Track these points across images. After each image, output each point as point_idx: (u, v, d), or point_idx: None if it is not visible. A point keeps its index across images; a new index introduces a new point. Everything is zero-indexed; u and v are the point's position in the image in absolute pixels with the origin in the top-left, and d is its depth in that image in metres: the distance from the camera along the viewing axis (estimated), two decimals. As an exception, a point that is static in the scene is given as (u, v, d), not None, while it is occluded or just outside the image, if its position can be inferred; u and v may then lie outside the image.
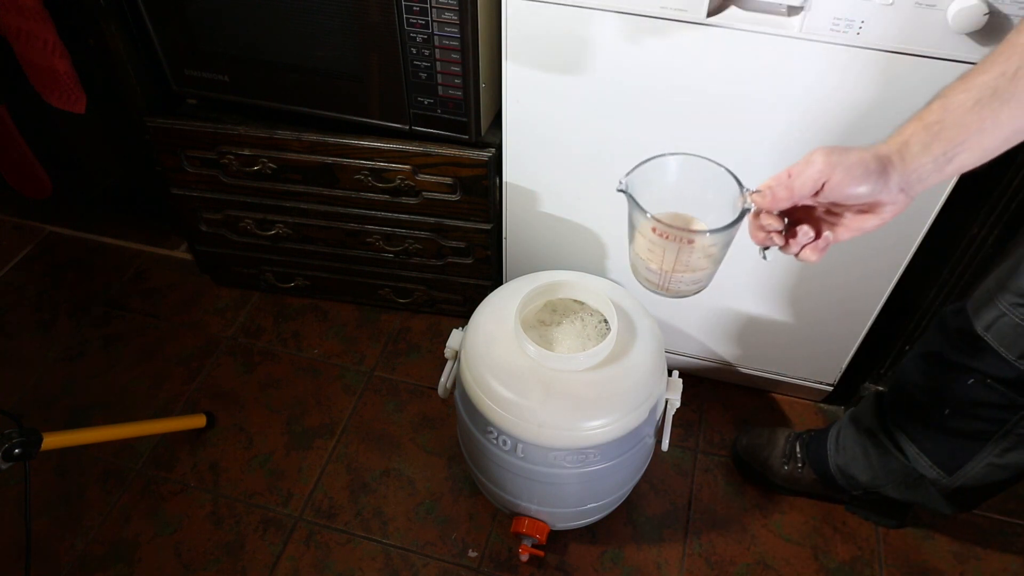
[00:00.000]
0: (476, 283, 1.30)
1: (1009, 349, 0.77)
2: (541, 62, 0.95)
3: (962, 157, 0.54)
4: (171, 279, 1.48)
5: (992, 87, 0.52)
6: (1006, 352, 0.77)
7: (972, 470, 0.89)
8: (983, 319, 0.79)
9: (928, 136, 0.54)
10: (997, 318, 0.77)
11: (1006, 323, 0.76)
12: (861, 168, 0.54)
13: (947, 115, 0.53)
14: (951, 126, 0.53)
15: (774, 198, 0.57)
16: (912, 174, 0.55)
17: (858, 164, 0.54)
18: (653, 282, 0.66)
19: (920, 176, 0.55)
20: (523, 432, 0.88)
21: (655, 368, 0.92)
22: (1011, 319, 0.75)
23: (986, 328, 0.78)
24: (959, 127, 0.53)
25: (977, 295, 0.81)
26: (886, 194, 0.55)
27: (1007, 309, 0.76)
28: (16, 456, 0.89)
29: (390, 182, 1.15)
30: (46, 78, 1.18)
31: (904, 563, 1.08)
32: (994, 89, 0.52)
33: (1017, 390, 0.79)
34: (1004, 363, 0.78)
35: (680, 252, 0.61)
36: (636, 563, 1.08)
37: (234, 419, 1.24)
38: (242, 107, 1.18)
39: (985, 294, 0.79)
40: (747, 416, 1.26)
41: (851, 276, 1.04)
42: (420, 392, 1.29)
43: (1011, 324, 0.76)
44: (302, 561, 1.07)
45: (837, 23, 0.79)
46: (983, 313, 0.79)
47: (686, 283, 0.64)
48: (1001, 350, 0.78)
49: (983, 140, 0.53)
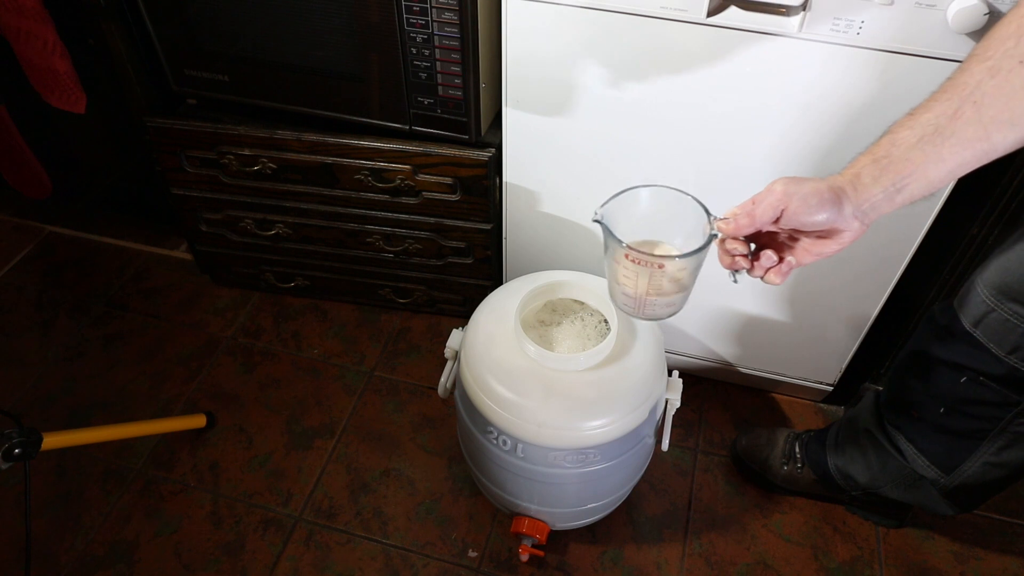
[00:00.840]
0: (476, 283, 1.30)
1: (999, 345, 0.77)
2: (541, 62, 0.95)
3: (911, 188, 0.59)
4: (171, 279, 1.48)
5: (934, 125, 0.57)
6: (996, 348, 0.77)
7: (970, 469, 0.89)
8: (971, 316, 0.79)
9: (877, 169, 0.59)
10: (985, 314, 0.77)
11: (995, 319, 0.76)
12: (816, 197, 0.59)
13: (894, 150, 0.58)
14: (898, 160, 0.58)
15: (737, 225, 0.62)
16: (864, 203, 0.60)
17: (814, 194, 0.59)
18: (630, 306, 0.71)
19: (872, 205, 0.60)
20: (523, 432, 0.88)
21: (655, 368, 0.92)
22: (1000, 315, 0.75)
23: (975, 324, 0.79)
24: (905, 161, 0.58)
25: (964, 292, 0.81)
26: (841, 221, 0.60)
27: (995, 305, 0.76)
28: (16, 456, 0.89)
29: (390, 182, 1.16)
30: (46, 78, 1.18)
31: (904, 563, 1.08)
32: (936, 127, 0.57)
33: (1009, 387, 0.79)
34: (995, 359, 0.78)
35: (652, 277, 0.66)
36: (636, 563, 1.08)
37: (234, 419, 1.24)
38: (242, 107, 1.18)
39: (972, 291, 0.79)
40: (747, 416, 1.26)
41: (851, 276, 1.04)
42: (420, 392, 1.29)
43: (1000, 320, 0.76)
44: (302, 561, 1.07)
45: (837, 23, 0.79)
46: (971, 310, 0.79)
47: (660, 306, 0.70)
48: (991, 346, 0.78)
49: (928, 173, 0.58)
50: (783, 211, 0.60)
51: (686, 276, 0.67)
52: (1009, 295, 0.74)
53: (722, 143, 0.95)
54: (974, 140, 0.56)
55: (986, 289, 0.77)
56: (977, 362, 0.80)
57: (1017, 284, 0.73)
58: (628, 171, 1.02)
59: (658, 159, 0.99)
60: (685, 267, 0.66)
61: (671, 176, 1.00)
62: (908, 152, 0.58)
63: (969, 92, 0.56)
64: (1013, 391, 0.79)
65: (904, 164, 0.58)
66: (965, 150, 0.57)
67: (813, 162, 0.92)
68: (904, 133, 0.58)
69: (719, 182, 0.98)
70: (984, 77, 0.55)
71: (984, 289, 0.77)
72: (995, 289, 0.76)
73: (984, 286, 0.77)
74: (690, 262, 0.65)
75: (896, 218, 0.95)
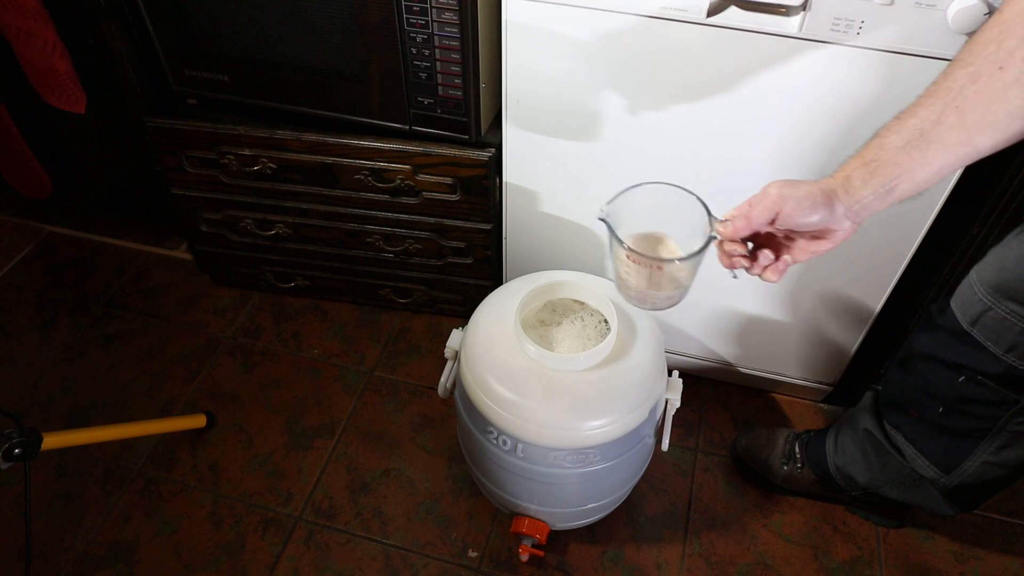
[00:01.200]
0: (476, 283, 1.30)
1: (997, 344, 0.77)
2: (541, 62, 0.95)
3: (900, 189, 0.61)
4: (171, 279, 1.48)
5: (919, 129, 0.59)
6: (993, 347, 0.77)
7: (969, 468, 0.89)
8: (968, 315, 0.79)
9: (867, 172, 0.61)
10: (983, 313, 0.77)
11: (992, 317, 0.76)
12: (809, 200, 0.61)
13: (882, 153, 0.61)
14: (886, 164, 0.60)
15: (735, 228, 0.65)
16: (856, 204, 0.62)
17: (807, 196, 0.62)
18: (634, 298, 0.74)
19: (863, 206, 0.62)
20: (523, 432, 0.88)
21: (655, 368, 0.92)
22: (997, 313, 0.76)
23: (972, 323, 0.79)
24: (893, 165, 0.60)
25: (960, 291, 0.81)
26: (833, 222, 0.63)
27: (993, 304, 0.76)
28: (16, 456, 0.89)
29: (390, 182, 1.15)
30: (46, 78, 1.18)
31: (904, 563, 1.08)
32: (921, 131, 0.59)
33: (1008, 385, 0.79)
34: (992, 358, 0.78)
35: (652, 275, 0.69)
36: (636, 563, 1.08)
37: (234, 419, 1.24)
38: (242, 107, 1.18)
39: (969, 290, 0.79)
40: (747, 416, 1.26)
41: (851, 276, 1.04)
42: (420, 392, 1.29)
43: (997, 318, 0.76)
44: (302, 561, 1.07)
45: (837, 23, 0.79)
46: (968, 309, 0.79)
47: (661, 299, 0.72)
48: (988, 344, 0.78)
49: (916, 175, 0.60)
50: (778, 213, 0.63)
51: (685, 276, 0.69)
52: (1007, 294, 0.74)
53: (722, 143, 0.95)
54: (958, 144, 0.58)
55: (983, 288, 0.77)
56: (975, 361, 0.80)
57: (1014, 283, 0.73)
58: (628, 171, 1.02)
59: (658, 159, 0.99)
60: (684, 268, 0.68)
61: (671, 176, 0.99)
62: (895, 156, 0.60)
63: (952, 97, 0.57)
64: (1011, 390, 0.79)
65: (892, 167, 0.60)
66: (949, 154, 0.59)
67: (813, 161, 0.92)
68: (892, 137, 0.60)
69: (719, 182, 0.98)
70: (966, 83, 0.57)
71: (981, 288, 0.77)
72: (992, 288, 0.76)
73: (981, 285, 0.77)
74: (688, 264, 0.67)
75: (896, 218, 0.95)
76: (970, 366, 0.81)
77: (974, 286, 0.78)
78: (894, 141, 0.60)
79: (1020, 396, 0.80)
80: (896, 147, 0.60)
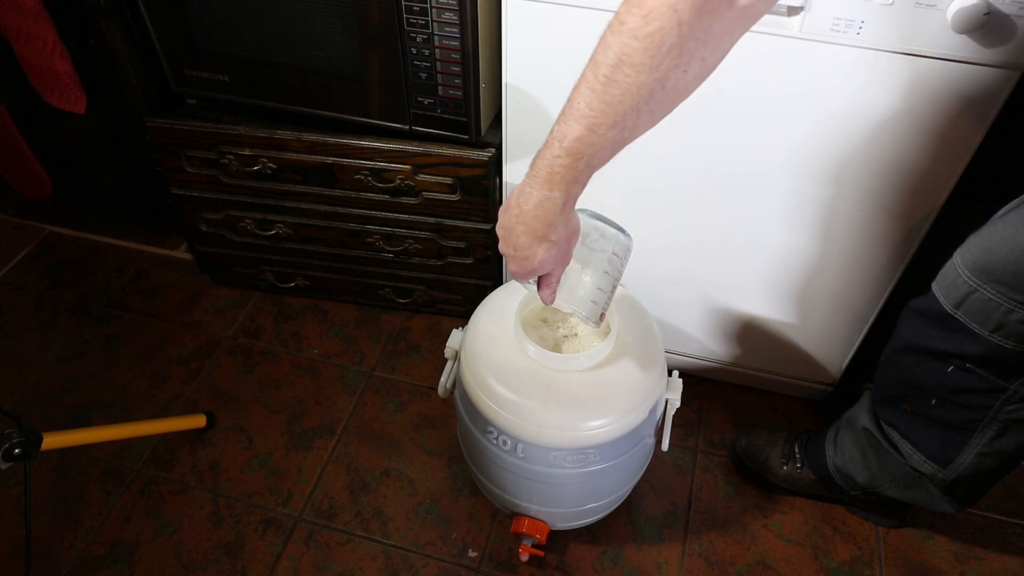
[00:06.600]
0: (476, 283, 1.30)
1: (982, 324, 0.77)
2: (541, 62, 0.95)
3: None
4: (171, 279, 1.48)
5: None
6: (979, 328, 0.78)
7: (965, 461, 0.90)
8: (953, 298, 0.79)
9: (585, 176, 0.73)
10: (967, 295, 0.77)
11: (977, 299, 0.77)
12: (576, 236, 0.73)
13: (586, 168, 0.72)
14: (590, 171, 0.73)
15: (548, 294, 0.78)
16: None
17: (575, 236, 0.72)
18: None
19: None
20: (523, 432, 0.88)
21: (655, 368, 0.92)
22: (982, 295, 0.76)
23: (956, 306, 0.79)
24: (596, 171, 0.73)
25: (944, 274, 0.81)
26: None
27: (978, 286, 0.76)
28: (16, 456, 0.89)
29: (390, 182, 1.16)
30: (46, 78, 1.18)
31: (904, 563, 1.08)
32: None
33: (996, 371, 0.80)
34: (979, 340, 0.78)
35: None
36: (636, 563, 1.08)
37: (234, 419, 1.24)
38: (242, 107, 1.18)
39: (953, 273, 0.79)
40: (747, 416, 1.26)
41: (851, 276, 1.04)
42: (420, 392, 1.29)
43: (982, 299, 0.76)
44: (302, 561, 1.07)
45: (837, 23, 0.79)
46: (952, 292, 0.79)
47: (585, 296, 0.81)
48: (973, 326, 0.78)
49: None
50: None
51: (586, 293, 0.81)
52: (992, 275, 0.75)
53: (720, 143, 0.95)
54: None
55: (967, 270, 0.77)
56: (960, 346, 0.81)
57: (1000, 264, 0.74)
58: (627, 172, 1.02)
59: (658, 159, 0.99)
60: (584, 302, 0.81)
61: (671, 177, 1.00)
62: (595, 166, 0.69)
63: None
64: (999, 376, 0.80)
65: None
66: None
67: (813, 161, 0.92)
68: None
69: (719, 182, 0.98)
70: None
71: (965, 270, 0.77)
72: (978, 269, 0.76)
73: (965, 267, 0.77)
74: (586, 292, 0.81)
75: (896, 218, 0.95)
76: (956, 352, 0.81)
77: (958, 268, 0.78)
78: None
79: (1008, 382, 0.80)
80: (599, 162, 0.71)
